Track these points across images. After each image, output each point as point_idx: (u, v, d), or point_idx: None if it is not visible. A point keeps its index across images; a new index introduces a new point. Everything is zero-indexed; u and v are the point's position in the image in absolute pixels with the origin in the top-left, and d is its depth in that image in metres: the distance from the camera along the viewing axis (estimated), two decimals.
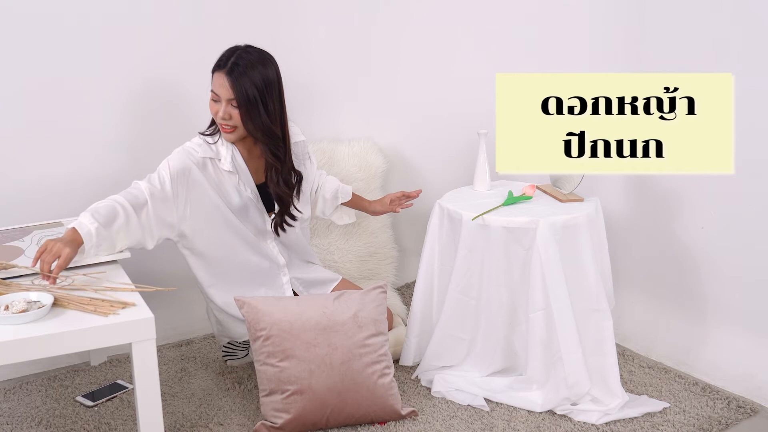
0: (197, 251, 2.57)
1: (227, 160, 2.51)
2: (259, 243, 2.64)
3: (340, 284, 2.80)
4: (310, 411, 2.34)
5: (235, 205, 2.56)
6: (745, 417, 2.52)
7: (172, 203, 2.44)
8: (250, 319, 2.38)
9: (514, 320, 2.62)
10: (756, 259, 2.63)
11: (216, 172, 2.52)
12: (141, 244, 2.43)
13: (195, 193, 2.48)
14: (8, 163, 2.75)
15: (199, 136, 2.54)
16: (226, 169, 2.52)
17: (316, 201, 2.87)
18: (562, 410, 2.50)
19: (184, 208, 2.47)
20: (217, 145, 2.53)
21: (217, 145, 2.53)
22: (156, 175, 2.43)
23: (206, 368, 2.83)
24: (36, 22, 2.70)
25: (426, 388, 2.67)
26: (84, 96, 2.82)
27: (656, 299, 2.95)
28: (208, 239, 2.55)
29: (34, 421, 2.51)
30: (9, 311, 2.00)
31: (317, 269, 2.82)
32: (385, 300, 2.50)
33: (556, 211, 2.62)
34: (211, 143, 2.52)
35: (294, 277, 2.71)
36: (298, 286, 2.73)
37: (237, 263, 2.62)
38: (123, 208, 2.33)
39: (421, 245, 2.75)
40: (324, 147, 3.23)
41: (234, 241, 2.59)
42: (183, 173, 2.45)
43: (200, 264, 2.60)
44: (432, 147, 3.52)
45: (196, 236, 2.53)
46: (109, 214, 2.30)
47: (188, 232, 2.51)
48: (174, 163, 2.45)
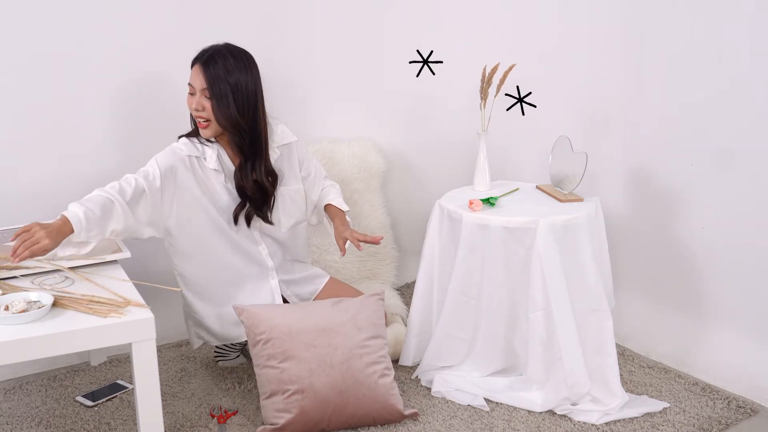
0: (181, 250, 2.57)
1: (213, 159, 2.54)
2: (246, 245, 2.62)
3: (329, 283, 2.79)
4: (311, 410, 2.34)
5: (223, 204, 2.56)
6: (745, 417, 2.52)
7: (159, 197, 2.46)
8: (249, 325, 2.39)
9: (514, 320, 2.62)
10: (756, 260, 2.63)
11: (203, 170, 2.54)
12: (135, 233, 2.44)
13: (181, 190, 2.51)
14: (8, 163, 2.75)
15: (185, 138, 2.57)
16: (212, 168, 2.54)
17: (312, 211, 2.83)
18: (562, 410, 2.50)
19: (170, 204, 2.50)
20: (203, 145, 2.55)
21: (203, 144, 2.55)
22: (145, 169, 2.47)
23: (206, 368, 2.83)
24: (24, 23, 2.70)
25: (426, 388, 2.67)
26: (83, 96, 2.82)
27: (656, 299, 2.95)
28: (193, 239, 2.56)
29: (34, 421, 2.51)
30: (9, 311, 2.00)
31: (305, 267, 2.79)
32: (383, 307, 2.52)
33: (556, 211, 2.62)
34: (196, 143, 2.55)
35: (280, 280, 2.69)
36: (285, 289, 2.70)
37: (221, 265, 2.60)
38: (113, 197, 2.35)
39: (421, 245, 2.75)
40: (324, 147, 3.23)
41: (218, 242, 2.58)
42: (171, 170, 2.49)
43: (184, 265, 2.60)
44: (432, 147, 3.52)
45: (181, 234, 2.54)
46: (101, 202, 2.32)
47: (174, 229, 2.53)
48: (162, 160, 2.49)
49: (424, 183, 3.50)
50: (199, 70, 2.47)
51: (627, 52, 2.91)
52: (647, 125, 2.89)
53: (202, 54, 2.49)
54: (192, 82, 2.49)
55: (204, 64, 2.46)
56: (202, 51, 2.51)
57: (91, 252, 2.33)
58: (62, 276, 2.27)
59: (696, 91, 2.71)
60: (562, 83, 3.15)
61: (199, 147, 2.55)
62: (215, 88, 2.45)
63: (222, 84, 2.45)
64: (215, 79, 2.45)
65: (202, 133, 2.53)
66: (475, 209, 2.62)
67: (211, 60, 2.46)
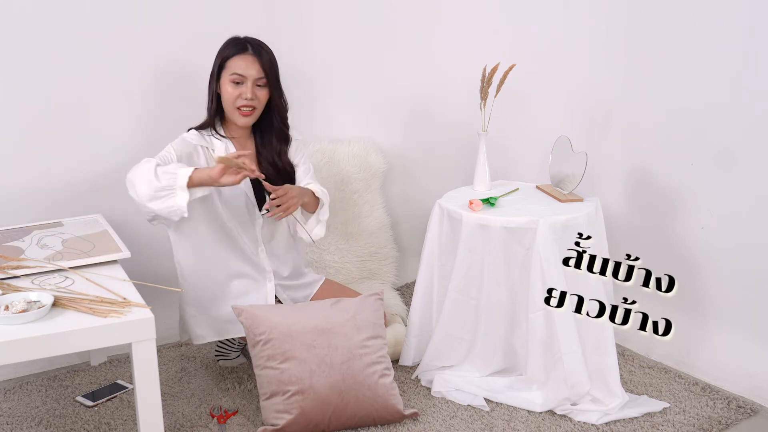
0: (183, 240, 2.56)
1: (221, 150, 2.54)
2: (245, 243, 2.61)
3: (324, 284, 2.80)
4: (311, 411, 2.34)
5: (226, 194, 2.56)
6: (745, 417, 2.52)
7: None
8: (249, 325, 2.38)
9: (514, 320, 2.62)
10: (756, 260, 2.63)
11: (209, 161, 2.54)
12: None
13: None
14: (8, 162, 2.75)
15: (194, 130, 2.57)
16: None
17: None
18: (562, 410, 2.50)
19: None
20: (211, 137, 2.56)
21: (212, 137, 2.56)
22: (162, 155, 2.47)
23: (206, 368, 2.83)
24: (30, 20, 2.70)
25: (426, 388, 2.67)
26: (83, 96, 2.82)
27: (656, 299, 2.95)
28: (193, 230, 2.54)
29: (34, 421, 2.51)
30: (9, 311, 2.00)
31: (300, 270, 2.79)
32: (382, 306, 2.51)
33: (556, 211, 2.62)
34: (205, 135, 2.56)
35: (278, 284, 2.69)
36: (281, 293, 2.70)
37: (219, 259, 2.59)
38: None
39: (421, 245, 2.75)
40: (324, 147, 3.23)
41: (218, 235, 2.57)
42: (186, 156, 2.50)
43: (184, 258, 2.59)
44: (432, 147, 3.52)
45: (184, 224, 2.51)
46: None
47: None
48: (177, 147, 2.50)
49: (424, 183, 3.50)
50: (254, 60, 2.49)
51: (627, 52, 2.91)
52: (647, 125, 2.89)
53: (243, 44, 2.50)
54: (244, 72, 2.48)
55: (257, 54, 2.49)
56: (237, 42, 2.51)
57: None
58: (62, 276, 2.27)
59: (696, 91, 2.71)
60: (562, 83, 3.15)
61: (208, 139, 2.56)
62: (272, 76, 2.51)
63: (276, 72, 2.53)
64: (271, 67, 2.51)
65: (244, 121, 2.53)
66: (475, 209, 2.62)
67: (261, 49, 2.51)
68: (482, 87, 2.79)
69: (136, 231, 2.86)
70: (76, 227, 2.65)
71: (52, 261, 2.31)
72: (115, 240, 2.51)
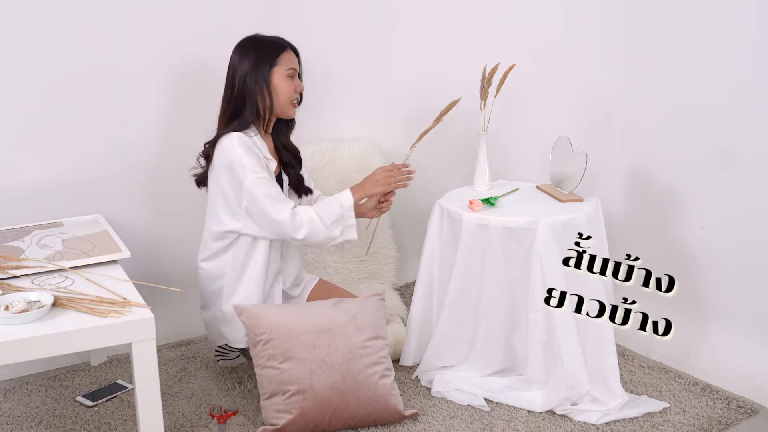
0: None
1: (265, 149, 2.57)
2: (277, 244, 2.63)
3: (318, 285, 2.80)
4: (311, 411, 2.34)
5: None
6: (745, 417, 2.52)
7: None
8: (249, 325, 2.38)
9: (514, 320, 2.62)
10: (756, 260, 2.63)
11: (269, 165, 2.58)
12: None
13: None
14: (8, 162, 2.75)
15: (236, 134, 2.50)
16: (267, 156, 2.56)
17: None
18: (562, 410, 2.50)
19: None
20: (253, 138, 2.55)
21: (254, 138, 2.55)
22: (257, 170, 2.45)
23: (206, 368, 2.83)
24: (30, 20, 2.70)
25: (426, 388, 2.67)
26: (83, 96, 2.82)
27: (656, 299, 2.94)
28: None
29: (34, 421, 2.51)
30: (9, 311, 2.00)
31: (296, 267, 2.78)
32: (383, 307, 2.51)
33: (556, 211, 2.62)
34: (251, 135, 2.54)
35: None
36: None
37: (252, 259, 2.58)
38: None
39: (421, 245, 2.75)
40: (324, 147, 3.23)
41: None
42: (258, 158, 2.49)
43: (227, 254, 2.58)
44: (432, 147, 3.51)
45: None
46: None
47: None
48: (245, 151, 2.46)
49: (424, 183, 3.50)
50: (294, 55, 2.60)
51: (627, 52, 2.91)
52: (647, 125, 2.89)
53: (282, 41, 2.59)
54: (295, 66, 2.60)
55: (294, 48, 2.61)
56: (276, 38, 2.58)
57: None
58: (62, 276, 2.27)
59: (696, 91, 2.71)
60: (562, 83, 3.15)
61: (254, 139, 2.54)
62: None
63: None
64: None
65: (294, 113, 2.62)
66: (475, 209, 2.62)
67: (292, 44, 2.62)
68: (482, 87, 2.79)
69: (136, 231, 2.86)
70: (76, 227, 2.65)
71: (52, 261, 2.31)
72: (115, 240, 2.51)
